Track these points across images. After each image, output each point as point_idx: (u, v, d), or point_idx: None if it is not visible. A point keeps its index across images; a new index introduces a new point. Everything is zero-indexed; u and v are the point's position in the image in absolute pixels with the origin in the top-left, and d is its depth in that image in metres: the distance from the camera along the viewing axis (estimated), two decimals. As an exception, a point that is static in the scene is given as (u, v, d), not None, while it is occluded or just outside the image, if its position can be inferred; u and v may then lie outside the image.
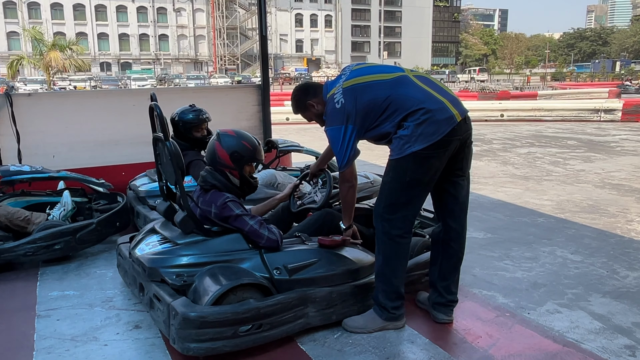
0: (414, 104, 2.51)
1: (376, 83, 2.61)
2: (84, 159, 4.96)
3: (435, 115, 2.50)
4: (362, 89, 2.59)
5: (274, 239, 2.65)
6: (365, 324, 2.68)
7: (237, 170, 2.75)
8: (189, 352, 2.34)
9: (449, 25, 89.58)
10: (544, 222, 4.75)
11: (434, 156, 2.53)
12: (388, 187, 2.62)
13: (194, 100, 4.24)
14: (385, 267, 2.65)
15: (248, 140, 2.77)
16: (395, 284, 2.67)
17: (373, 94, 2.57)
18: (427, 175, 2.58)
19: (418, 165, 2.54)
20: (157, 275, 2.57)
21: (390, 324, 2.69)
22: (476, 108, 15.90)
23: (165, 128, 2.60)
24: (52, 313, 2.96)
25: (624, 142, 10.29)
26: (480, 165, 7.89)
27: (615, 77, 47.29)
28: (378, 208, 2.66)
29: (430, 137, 2.48)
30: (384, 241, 2.63)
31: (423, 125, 2.48)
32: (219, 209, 2.66)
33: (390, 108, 2.53)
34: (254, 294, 2.50)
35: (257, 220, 2.66)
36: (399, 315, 2.71)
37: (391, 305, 2.67)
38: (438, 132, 2.49)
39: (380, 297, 2.68)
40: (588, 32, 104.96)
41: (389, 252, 2.64)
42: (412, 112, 2.50)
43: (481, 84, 37.22)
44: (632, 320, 2.83)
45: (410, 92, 2.56)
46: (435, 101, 2.54)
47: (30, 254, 3.54)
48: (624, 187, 6.22)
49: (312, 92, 2.76)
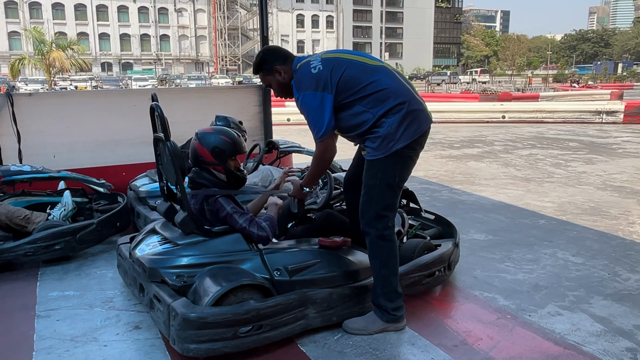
0: (398, 97, 2.50)
1: (359, 64, 2.59)
2: (84, 159, 4.96)
3: (418, 113, 2.54)
4: (343, 62, 2.55)
5: (264, 235, 2.64)
6: (366, 326, 2.67)
7: (220, 165, 2.74)
8: (188, 353, 2.33)
9: (451, 26, 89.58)
10: (545, 224, 4.74)
11: (415, 155, 2.59)
12: (378, 191, 2.58)
13: (194, 100, 4.24)
14: (384, 269, 2.64)
15: (226, 134, 2.77)
16: (394, 283, 2.66)
17: (356, 72, 2.53)
18: (409, 173, 2.64)
19: (403, 166, 2.58)
20: (157, 275, 2.57)
21: (391, 325, 2.68)
22: (478, 109, 15.94)
23: (166, 128, 2.59)
24: (52, 313, 2.95)
25: (626, 144, 10.27)
26: (481, 166, 7.89)
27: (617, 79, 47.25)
28: (369, 213, 2.60)
29: (414, 133, 2.52)
30: (379, 244, 2.62)
31: (406, 122, 2.50)
32: (212, 206, 2.68)
33: (374, 97, 2.49)
34: (254, 295, 2.50)
35: (247, 218, 2.66)
36: (400, 316, 2.70)
37: (392, 307, 2.66)
38: (419, 129, 2.54)
39: (381, 300, 2.66)
40: (590, 34, 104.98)
41: (386, 253, 2.63)
42: (396, 105, 2.49)
43: (483, 85, 37.22)
44: (634, 322, 2.82)
45: (394, 84, 2.55)
46: (416, 100, 2.57)
47: (30, 254, 3.54)
48: (625, 189, 6.21)
49: (282, 58, 2.65)
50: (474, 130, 13.12)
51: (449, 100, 21.10)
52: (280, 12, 69.42)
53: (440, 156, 8.92)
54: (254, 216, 2.73)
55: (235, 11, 66.11)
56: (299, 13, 71.76)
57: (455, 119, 14.96)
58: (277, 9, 68.09)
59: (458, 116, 15.17)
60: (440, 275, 3.16)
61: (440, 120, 14.56)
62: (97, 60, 60.07)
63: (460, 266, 3.51)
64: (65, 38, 36.90)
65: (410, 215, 3.72)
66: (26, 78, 40.08)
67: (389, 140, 2.50)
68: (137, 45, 63.24)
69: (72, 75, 41.48)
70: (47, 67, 28.58)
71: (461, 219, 4.71)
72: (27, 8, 57.17)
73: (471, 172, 7.43)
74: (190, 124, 4.39)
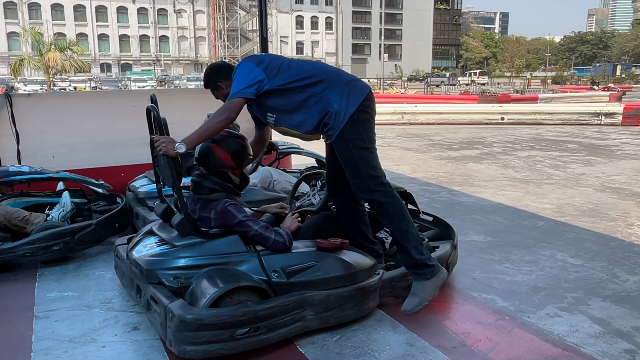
0: (331, 75, 2.71)
1: (299, 60, 2.84)
2: (83, 160, 4.96)
3: (354, 83, 2.75)
4: (285, 58, 2.80)
5: (282, 241, 2.64)
6: (420, 296, 2.69)
7: (239, 169, 2.77)
8: (185, 355, 2.32)
9: (450, 28, 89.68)
10: (544, 225, 4.74)
11: (370, 117, 2.72)
12: (358, 158, 2.68)
13: (193, 101, 4.24)
14: (403, 224, 2.71)
15: (241, 137, 2.82)
16: (416, 233, 2.76)
17: (297, 63, 2.76)
18: (374, 135, 2.76)
19: (365, 128, 2.69)
20: (154, 277, 2.56)
21: (438, 279, 2.74)
22: (477, 111, 15.95)
23: (163, 130, 2.59)
24: (50, 314, 2.95)
25: (625, 146, 10.28)
26: (480, 168, 7.89)
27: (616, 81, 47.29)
28: (363, 181, 2.69)
29: (357, 97, 2.67)
30: (389, 202, 2.70)
31: (347, 91, 2.67)
32: (219, 214, 2.65)
33: (311, 79, 2.67)
34: (252, 296, 2.49)
35: (262, 225, 2.65)
36: (437, 265, 2.77)
37: (427, 258, 2.73)
38: (361, 92, 2.70)
39: (415, 256, 2.71)
40: (589, 36, 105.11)
41: (399, 207, 2.72)
42: (329, 80, 2.68)
43: (482, 87, 37.21)
44: (632, 324, 2.82)
45: (326, 67, 2.80)
46: (349, 74, 2.83)
47: (28, 254, 3.53)
48: (624, 190, 6.21)
49: (224, 73, 2.82)
50: (473, 131, 13.13)
51: (448, 101, 21.12)
52: (280, 14, 69.45)
53: (439, 157, 8.92)
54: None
55: (235, 12, 66.09)
56: (298, 14, 71.78)
57: (454, 121, 14.97)
58: (277, 10, 68.11)
59: (457, 118, 15.18)
60: (439, 276, 3.14)
61: (439, 122, 14.59)
62: (96, 61, 60.05)
63: (459, 267, 3.51)
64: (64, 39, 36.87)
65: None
66: (25, 79, 40.07)
67: (340, 112, 2.64)
68: (136, 46, 63.22)
69: (71, 76, 41.47)
70: (46, 67, 28.55)
71: (460, 220, 4.71)
72: (27, 9, 57.14)
73: (470, 173, 7.43)
74: (189, 125, 4.35)
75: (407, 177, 7.12)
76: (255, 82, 2.62)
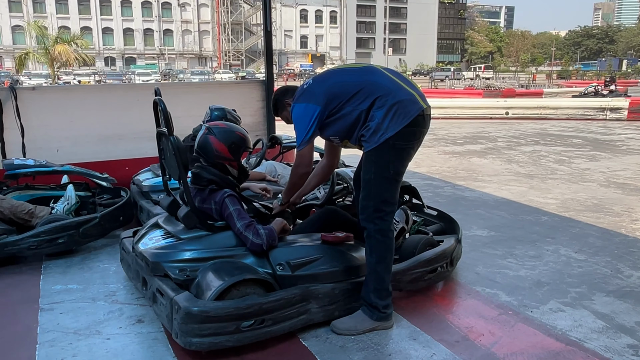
0: (383, 91, 2.57)
1: (346, 69, 2.80)
2: (87, 153, 4.98)
3: (405, 103, 2.57)
4: (331, 73, 2.80)
5: (258, 242, 2.58)
6: (355, 325, 2.64)
7: (236, 161, 2.79)
8: (191, 347, 2.34)
9: (455, 22, 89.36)
10: (548, 220, 4.73)
11: (409, 147, 2.62)
12: (374, 184, 2.60)
13: (197, 95, 4.24)
14: (379, 265, 2.63)
15: (240, 130, 2.85)
16: (387, 281, 2.66)
17: (342, 77, 2.70)
18: (404, 167, 2.66)
19: (396, 157, 2.60)
20: (160, 269, 2.58)
21: (380, 324, 2.66)
22: (481, 106, 15.90)
23: (169, 123, 2.60)
24: (55, 306, 2.97)
25: (630, 141, 10.24)
26: (484, 163, 7.87)
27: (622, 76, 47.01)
28: (368, 208, 2.61)
29: (401, 121, 2.54)
30: (378, 239, 2.61)
31: (392, 112, 2.54)
32: (218, 204, 2.67)
33: (360, 94, 2.58)
34: (257, 289, 2.50)
35: (245, 223, 2.62)
36: (389, 314, 2.69)
37: (382, 304, 2.64)
38: (408, 115, 2.55)
39: (372, 297, 2.64)
40: (595, 30, 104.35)
41: (382, 250, 2.63)
42: (380, 97, 2.55)
43: (486, 81, 37.09)
44: (636, 319, 2.82)
45: (380, 79, 2.64)
46: (405, 92, 2.60)
47: (33, 247, 3.55)
48: (629, 186, 6.19)
49: (290, 93, 2.87)
50: (477, 126, 13.09)
51: (453, 96, 21.07)
52: (284, 7, 69.34)
53: (443, 152, 8.91)
54: (255, 222, 2.68)
55: (239, 6, 66.04)
56: (302, 8, 71.63)
57: (458, 115, 14.92)
58: (281, 4, 67.98)
59: (461, 112, 15.13)
60: (443, 271, 3.16)
61: (443, 117, 14.53)
62: (100, 55, 60.15)
63: (462, 262, 3.51)
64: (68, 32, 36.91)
65: (413, 212, 3.71)
66: (29, 72, 40.15)
67: (378, 131, 2.55)
68: (140, 39, 63.27)
69: (76, 69, 41.53)
70: (51, 61, 28.56)
71: (464, 215, 4.71)
72: (31, 2, 57.26)
73: (474, 168, 7.42)
74: (193, 118, 4.41)
75: (411, 171, 7.10)
76: (314, 120, 2.61)
